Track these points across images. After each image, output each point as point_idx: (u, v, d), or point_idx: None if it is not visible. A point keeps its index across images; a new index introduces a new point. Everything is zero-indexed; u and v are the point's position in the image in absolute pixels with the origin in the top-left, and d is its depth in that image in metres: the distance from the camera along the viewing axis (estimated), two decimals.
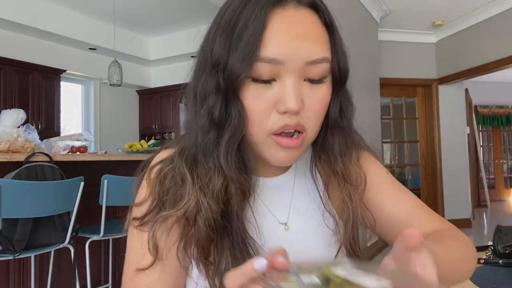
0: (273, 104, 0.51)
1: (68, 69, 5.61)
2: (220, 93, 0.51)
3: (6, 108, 2.51)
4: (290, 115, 0.51)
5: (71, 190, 1.97)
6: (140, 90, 7.12)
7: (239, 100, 0.51)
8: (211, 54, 0.52)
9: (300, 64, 0.50)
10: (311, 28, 0.51)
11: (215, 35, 0.53)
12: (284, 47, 0.49)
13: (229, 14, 0.52)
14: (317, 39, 0.51)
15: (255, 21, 0.49)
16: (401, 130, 5.37)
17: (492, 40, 4.41)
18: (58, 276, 2.34)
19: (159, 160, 0.60)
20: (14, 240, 1.77)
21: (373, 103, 4.25)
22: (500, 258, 0.92)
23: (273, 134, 0.52)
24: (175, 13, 5.57)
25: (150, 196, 0.57)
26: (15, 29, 4.94)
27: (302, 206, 0.64)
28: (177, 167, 0.56)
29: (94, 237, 2.13)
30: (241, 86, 0.51)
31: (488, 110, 8.08)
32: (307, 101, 0.52)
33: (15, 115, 2.22)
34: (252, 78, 0.50)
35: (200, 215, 0.53)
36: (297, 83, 0.51)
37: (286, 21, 0.50)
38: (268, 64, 0.49)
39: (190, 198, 0.53)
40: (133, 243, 0.58)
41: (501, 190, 8.30)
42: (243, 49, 0.49)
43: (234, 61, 0.49)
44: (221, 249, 0.53)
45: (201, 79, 0.54)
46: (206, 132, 0.53)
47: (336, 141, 0.60)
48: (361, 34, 3.94)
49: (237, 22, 0.50)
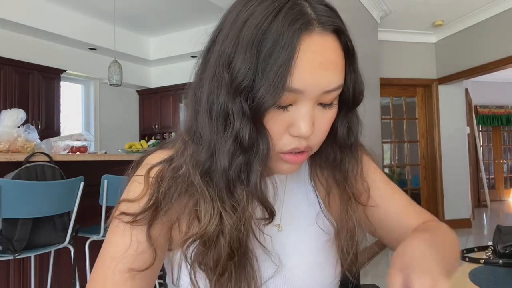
0: (286, 126, 0.51)
1: (68, 69, 5.61)
2: (245, 117, 0.50)
3: (6, 108, 2.51)
4: (300, 138, 0.52)
5: (71, 190, 1.98)
6: (140, 90, 7.12)
7: (263, 125, 0.51)
8: (231, 72, 0.49)
9: (318, 93, 0.50)
10: (332, 57, 0.51)
11: (234, 49, 0.49)
12: (307, 78, 0.49)
13: (252, 30, 0.48)
14: (337, 68, 0.51)
15: (284, 49, 0.47)
16: (401, 130, 5.37)
17: (492, 40, 4.41)
18: (58, 276, 2.34)
19: (159, 160, 0.58)
20: (14, 240, 1.77)
21: (373, 103, 4.26)
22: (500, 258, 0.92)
23: (282, 153, 0.53)
24: (175, 13, 5.57)
25: (147, 194, 0.55)
26: (15, 29, 4.94)
27: (295, 208, 0.65)
28: (186, 177, 0.55)
29: (94, 237, 2.13)
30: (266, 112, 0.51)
31: (488, 110, 8.08)
32: (317, 124, 0.53)
33: (15, 115, 2.22)
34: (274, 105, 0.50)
35: (223, 235, 0.53)
36: (311, 109, 0.51)
37: (312, 50, 0.49)
38: (290, 93, 0.49)
39: (211, 217, 0.53)
40: (118, 239, 0.55)
41: (501, 190, 8.31)
42: (273, 80, 0.47)
43: (264, 91, 0.47)
44: (219, 251, 0.53)
45: (219, 97, 0.51)
46: (234, 158, 0.51)
47: (346, 161, 0.62)
48: (361, 34, 3.94)
49: (263, 42, 0.47)
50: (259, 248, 0.57)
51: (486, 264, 0.91)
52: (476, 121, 7.55)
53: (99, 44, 5.72)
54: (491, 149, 8.36)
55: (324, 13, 0.50)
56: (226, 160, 0.51)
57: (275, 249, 0.60)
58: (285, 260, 0.61)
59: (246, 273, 0.54)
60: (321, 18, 0.50)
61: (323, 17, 0.50)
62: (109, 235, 0.56)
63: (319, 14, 0.50)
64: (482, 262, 0.91)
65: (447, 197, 5.13)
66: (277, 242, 0.61)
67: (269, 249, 0.58)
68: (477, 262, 0.92)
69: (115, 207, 0.58)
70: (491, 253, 0.97)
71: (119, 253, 0.54)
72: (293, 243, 0.63)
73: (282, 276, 0.60)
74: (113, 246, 0.55)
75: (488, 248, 1.00)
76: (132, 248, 0.54)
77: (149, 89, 7.06)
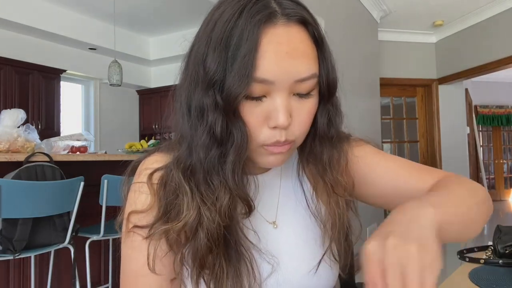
0: (263, 119, 0.52)
1: (68, 69, 5.61)
2: (218, 110, 0.52)
3: (6, 108, 2.51)
4: (280, 129, 0.52)
5: (71, 190, 1.97)
6: (140, 90, 7.12)
7: (239, 118, 0.52)
8: (204, 69, 0.52)
9: (290, 83, 0.51)
10: (300, 47, 0.52)
11: (206, 48, 0.52)
12: (274, 68, 0.50)
13: (221, 29, 0.51)
14: (306, 57, 0.52)
15: (248, 41, 0.49)
16: (401, 130, 5.37)
17: (492, 40, 4.41)
18: (58, 276, 2.34)
19: (159, 166, 0.59)
20: (14, 240, 1.77)
21: (373, 103, 4.26)
22: (500, 258, 0.92)
23: (264, 145, 0.54)
24: (175, 13, 5.57)
25: (155, 203, 0.56)
26: (15, 29, 4.93)
27: (289, 204, 0.65)
28: (173, 177, 0.56)
29: (94, 237, 2.13)
30: (239, 104, 0.52)
31: (488, 110, 8.08)
32: (295, 115, 0.53)
33: (15, 115, 2.22)
34: (246, 96, 0.51)
35: (202, 227, 0.53)
36: (286, 100, 0.52)
37: (276, 41, 0.50)
38: (259, 83, 0.50)
39: (190, 210, 0.53)
40: (138, 255, 0.55)
41: (501, 190, 8.30)
42: (238, 71, 0.49)
43: (231, 82, 0.49)
44: (216, 252, 0.54)
45: (195, 94, 0.54)
46: (209, 150, 0.53)
47: (325, 152, 0.61)
48: (361, 34, 3.94)
49: (230, 38, 0.50)
50: (254, 246, 0.57)
51: (486, 264, 0.91)
52: (476, 121, 7.55)
53: (99, 44, 5.72)
54: (491, 149, 8.36)
55: (288, 6, 0.52)
56: (202, 153, 0.53)
57: (271, 247, 0.60)
58: (282, 257, 0.61)
59: (241, 272, 0.55)
60: (285, 10, 0.51)
61: (287, 10, 0.51)
62: (127, 252, 0.57)
63: (283, 7, 0.52)
64: (482, 262, 0.91)
65: None
66: (273, 240, 0.61)
67: (264, 247, 0.59)
68: (477, 262, 0.92)
69: (125, 220, 0.58)
70: (491, 253, 0.97)
71: (142, 268, 0.55)
72: (290, 240, 0.63)
73: (280, 274, 0.60)
74: (134, 263, 0.56)
75: (488, 248, 1.00)
76: (157, 257, 0.55)
77: (149, 89, 7.06)
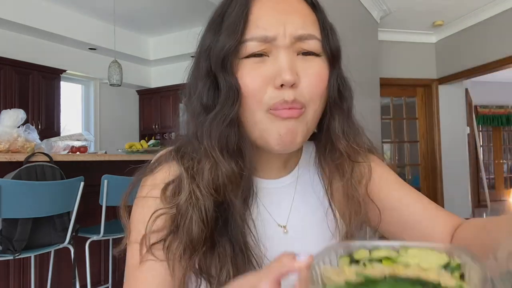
0: (268, 79, 0.51)
1: (68, 69, 5.61)
2: (209, 76, 0.52)
3: (6, 108, 2.51)
4: (287, 89, 0.50)
5: (71, 190, 1.97)
6: (140, 90, 7.12)
7: (232, 77, 0.51)
8: (201, 47, 0.55)
9: (290, 39, 0.51)
10: (297, 7, 0.53)
11: (205, 32, 0.56)
12: (271, 21, 0.50)
13: (217, 10, 0.55)
14: (304, 16, 0.53)
15: (240, 2, 0.51)
16: (401, 130, 5.37)
17: (492, 40, 4.41)
18: (58, 276, 2.34)
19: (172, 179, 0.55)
20: (14, 240, 1.77)
21: (373, 103, 4.25)
22: None
23: (271, 109, 0.51)
24: (175, 13, 5.57)
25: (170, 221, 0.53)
26: (15, 29, 4.93)
27: (302, 207, 0.63)
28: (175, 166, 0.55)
29: (94, 237, 2.13)
30: (234, 64, 0.51)
31: (488, 110, 8.08)
32: (302, 74, 0.51)
33: (15, 115, 2.22)
34: (245, 56, 0.51)
35: (192, 207, 0.51)
36: (290, 56, 0.51)
37: (271, 1, 0.52)
38: (258, 42, 0.50)
39: (184, 192, 0.52)
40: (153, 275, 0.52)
41: (501, 190, 8.30)
42: (227, 27, 0.51)
43: (221, 40, 0.51)
44: (223, 258, 0.51)
45: (193, 74, 0.56)
46: (197, 117, 0.52)
47: (337, 121, 0.58)
48: (361, 34, 3.93)
49: (225, 12, 0.53)
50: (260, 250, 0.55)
51: None
52: (476, 121, 7.54)
53: (99, 44, 5.72)
54: (491, 149, 8.35)
55: None
56: (192, 122, 0.54)
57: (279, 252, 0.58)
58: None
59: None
60: None
61: None
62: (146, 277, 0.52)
63: None
64: None
65: (447, 197, 5.13)
66: (281, 245, 0.59)
67: (272, 252, 0.56)
68: None
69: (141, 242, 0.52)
70: None
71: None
72: (299, 247, 0.60)
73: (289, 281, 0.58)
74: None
75: None
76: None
77: (149, 89, 7.06)
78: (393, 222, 0.63)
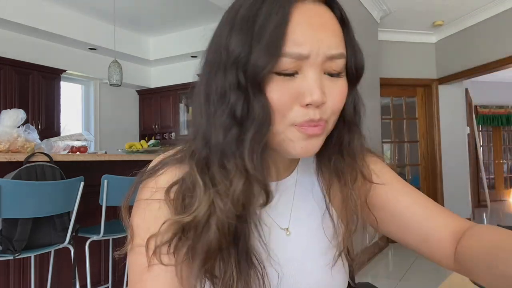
0: (295, 96, 0.50)
1: (68, 69, 5.61)
2: (241, 89, 0.49)
3: (6, 108, 2.51)
4: (313, 108, 0.50)
5: (71, 190, 1.97)
6: (140, 90, 7.12)
7: (263, 95, 0.49)
8: (228, 52, 0.50)
9: (323, 57, 0.50)
10: (330, 22, 0.52)
11: (230, 33, 0.51)
12: (308, 39, 0.49)
13: (246, 11, 0.50)
14: (337, 34, 0.52)
15: (278, 15, 0.48)
16: (401, 130, 5.37)
17: (492, 40, 4.41)
18: (58, 276, 2.34)
19: (175, 180, 0.54)
20: (14, 240, 1.77)
21: (373, 103, 4.25)
22: None
23: (296, 125, 0.51)
24: (175, 13, 5.57)
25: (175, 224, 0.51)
26: (15, 29, 4.93)
27: (303, 210, 0.63)
28: (188, 173, 0.53)
29: (94, 237, 2.13)
30: (264, 80, 0.49)
31: (488, 110, 8.08)
32: (328, 93, 0.51)
33: (15, 115, 2.22)
34: (276, 72, 0.49)
35: (213, 219, 0.50)
36: (319, 75, 0.51)
37: (308, 15, 0.50)
38: (292, 58, 0.49)
39: (201, 203, 0.50)
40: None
41: (501, 190, 8.30)
42: (267, 43, 0.48)
43: (258, 55, 0.48)
44: (227, 260, 0.51)
45: (216, 79, 0.51)
46: (228, 131, 0.50)
47: (355, 139, 0.59)
48: (361, 34, 3.91)
49: (256, 17, 0.49)
50: (264, 254, 0.55)
51: None
52: (476, 121, 7.55)
53: (99, 44, 5.72)
54: (491, 149, 8.36)
55: None
56: (220, 135, 0.50)
57: (282, 255, 0.58)
58: (293, 266, 0.59)
59: (251, 281, 0.52)
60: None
61: None
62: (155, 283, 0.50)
63: None
64: None
65: (447, 197, 5.13)
66: (284, 248, 0.59)
67: (276, 255, 0.57)
68: None
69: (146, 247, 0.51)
70: None
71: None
72: (302, 248, 0.61)
73: (290, 284, 0.58)
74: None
75: None
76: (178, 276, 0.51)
77: (149, 89, 7.06)
78: (394, 225, 0.64)
